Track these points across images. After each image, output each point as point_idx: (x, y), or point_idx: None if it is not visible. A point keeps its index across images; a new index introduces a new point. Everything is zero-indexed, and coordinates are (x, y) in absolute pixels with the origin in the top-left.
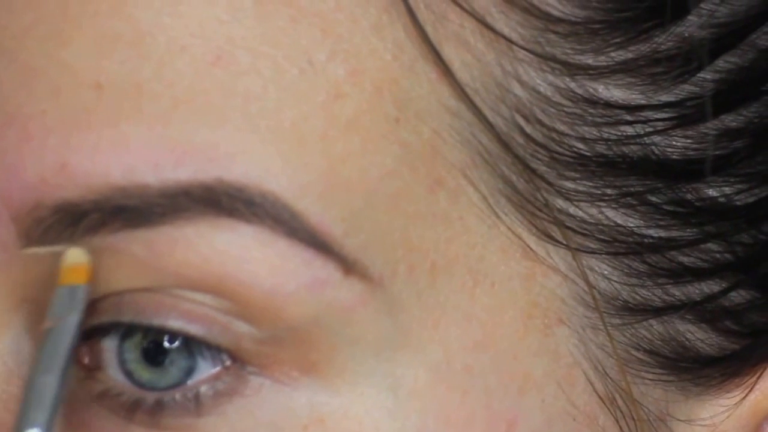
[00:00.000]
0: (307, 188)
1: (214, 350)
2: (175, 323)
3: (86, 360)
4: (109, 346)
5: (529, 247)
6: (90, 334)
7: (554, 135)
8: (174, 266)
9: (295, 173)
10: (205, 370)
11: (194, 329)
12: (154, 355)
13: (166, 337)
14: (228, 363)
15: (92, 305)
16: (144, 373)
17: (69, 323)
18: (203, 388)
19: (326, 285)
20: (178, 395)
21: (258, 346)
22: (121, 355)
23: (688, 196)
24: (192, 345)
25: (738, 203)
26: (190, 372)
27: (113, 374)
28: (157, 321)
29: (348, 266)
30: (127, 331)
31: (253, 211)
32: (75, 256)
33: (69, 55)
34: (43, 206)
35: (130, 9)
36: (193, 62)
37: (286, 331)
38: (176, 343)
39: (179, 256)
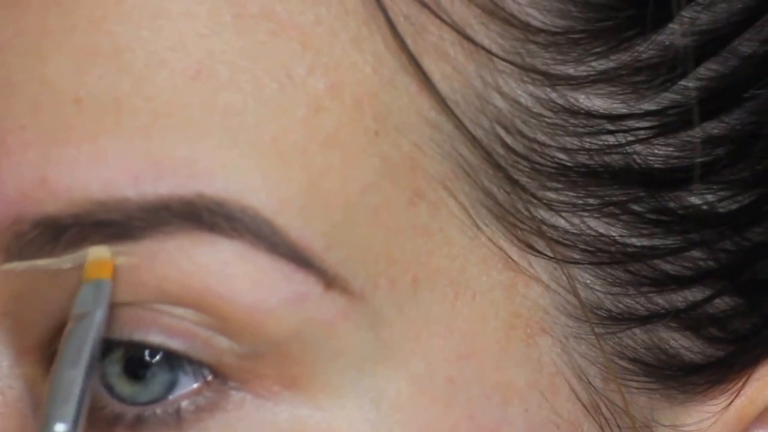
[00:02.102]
0: (288, 203)
1: (196, 365)
2: (156, 338)
3: None
4: None
5: (510, 257)
6: None
7: (535, 146)
8: (154, 281)
9: (275, 188)
10: (187, 384)
11: (175, 344)
12: (136, 369)
13: (147, 352)
14: (209, 378)
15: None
16: (125, 388)
17: (95, 318)
18: (184, 403)
19: (307, 299)
20: (158, 410)
21: (239, 361)
22: (103, 369)
23: (671, 205)
24: (173, 360)
25: (721, 210)
26: (171, 387)
27: (95, 389)
28: (138, 336)
29: (329, 280)
30: (108, 345)
31: (233, 226)
32: (98, 251)
33: (48, 70)
34: (23, 221)
35: (109, 24)
36: (173, 76)
37: (267, 346)
38: (157, 358)
39: (160, 271)
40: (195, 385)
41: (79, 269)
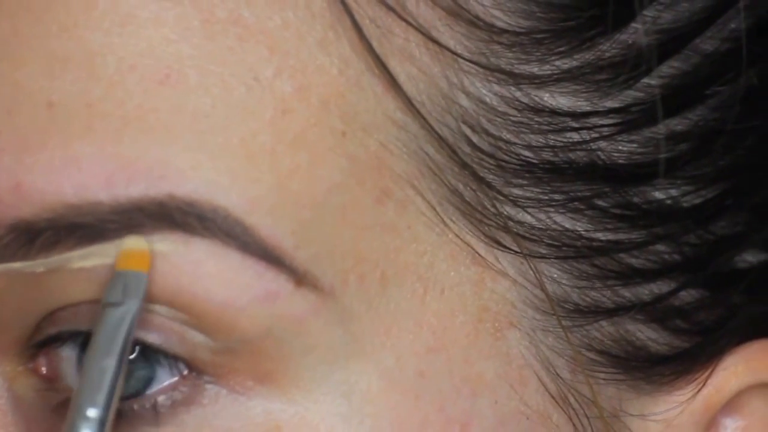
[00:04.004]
0: (257, 203)
1: (171, 359)
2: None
3: (44, 371)
4: (68, 355)
5: (477, 253)
6: (47, 343)
7: (501, 144)
8: None
9: (245, 188)
10: (163, 379)
11: (151, 338)
12: None
13: None
14: (185, 372)
15: (50, 315)
16: None
17: (129, 308)
18: (161, 398)
19: (278, 297)
20: (136, 405)
21: (213, 356)
22: (80, 365)
23: (635, 200)
24: (150, 355)
25: (685, 205)
26: (148, 382)
27: (72, 384)
28: None
29: (299, 278)
30: (85, 340)
31: (205, 225)
32: (135, 242)
33: (21, 75)
34: None
35: (80, 30)
36: (143, 81)
37: (240, 343)
38: (134, 354)
39: None
40: (171, 380)
41: (53, 273)
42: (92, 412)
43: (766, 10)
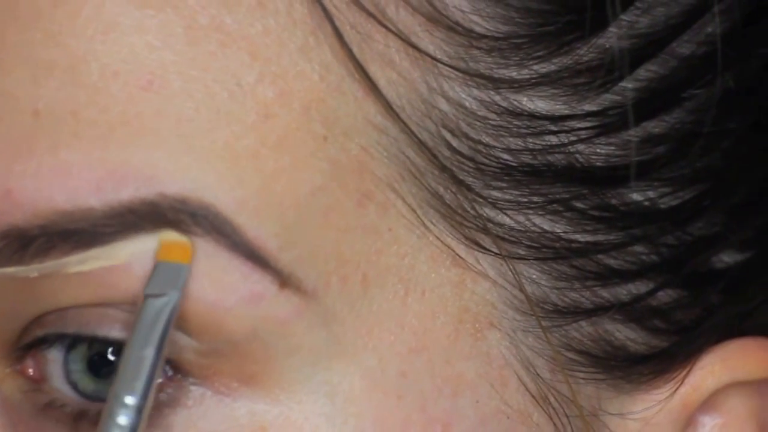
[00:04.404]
0: (243, 203)
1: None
2: (118, 334)
3: (31, 372)
4: (54, 357)
5: (458, 255)
6: (35, 345)
7: (480, 147)
8: (131, 280)
9: (231, 189)
10: None
11: None
12: (99, 366)
13: (110, 349)
14: (170, 374)
15: (37, 319)
16: (89, 384)
17: (170, 299)
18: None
19: (263, 299)
20: None
21: (198, 358)
22: (67, 367)
23: (613, 201)
24: None
25: (662, 206)
26: None
27: (59, 385)
28: (101, 332)
29: (283, 280)
30: (71, 342)
31: (197, 222)
32: (175, 234)
33: (8, 83)
34: None
35: (65, 38)
36: (126, 87)
37: (225, 344)
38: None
39: (136, 270)
40: (156, 382)
41: (46, 277)
42: (130, 400)
43: (741, 14)
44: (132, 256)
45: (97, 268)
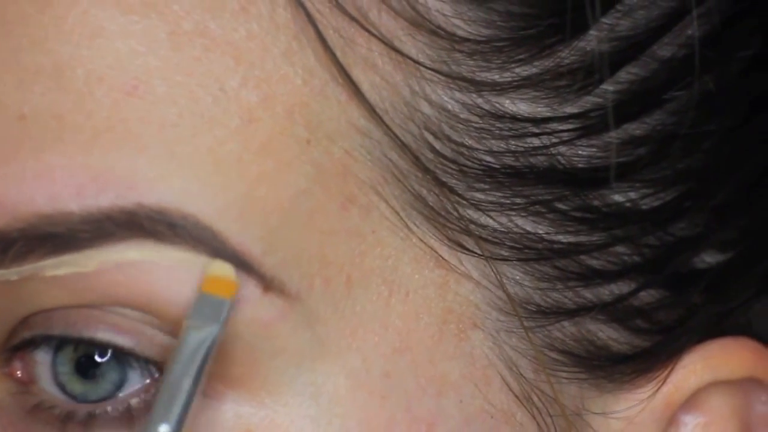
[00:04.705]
0: (226, 210)
1: (143, 362)
2: (104, 335)
3: (20, 374)
4: (42, 359)
5: (441, 256)
6: (22, 347)
7: (463, 149)
8: (102, 286)
9: (214, 196)
10: (135, 382)
11: (122, 341)
12: (86, 368)
13: (97, 351)
14: (157, 375)
15: (24, 320)
16: (76, 386)
17: (210, 333)
18: (133, 401)
19: (246, 303)
20: (109, 407)
21: None
22: (55, 369)
23: (595, 203)
24: (122, 357)
25: (644, 207)
26: (121, 384)
27: (47, 387)
28: (87, 333)
29: (267, 283)
30: (59, 344)
31: (175, 232)
32: (222, 267)
33: None
34: None
35: (50, 43)
36: (111, 92)
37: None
38: (107, 357)
39: (107, 278)
40: (143, 383)
41: (26, 280)
42: (165, 428)
43: (721, 17)
44: (101, 264)
45: (70, 273)
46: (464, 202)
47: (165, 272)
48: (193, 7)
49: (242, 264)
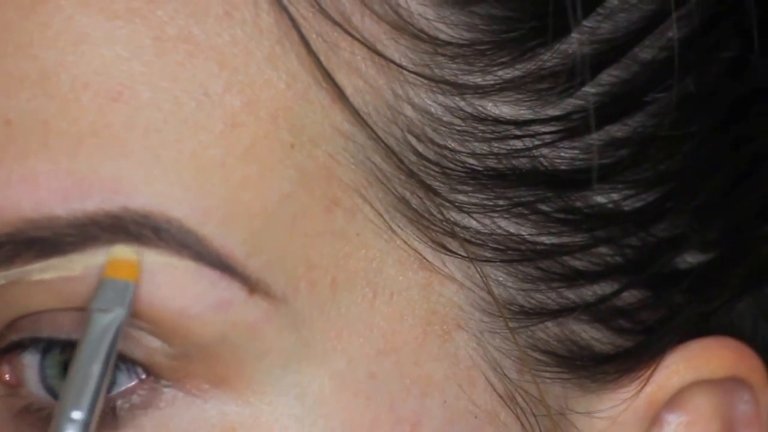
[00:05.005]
0: (210, 213)
1: (129, 364)
2: None
3: (8, 377)
4: (30, 362)
5: (425, 258)
6: (10, 350)
7: (446, 152)
8: (88, 290)
9: (198, 200)
10: (122, 383)
11: None
12: None
13: None
14: (143, 376)
15: (11, 324)
16: None
17: (116, 316)
18: (120, 402)
19: (231, 305)
20: None
21: (170, 361)
22: (43, 372)
23: (578, 204)
24: None
25: (626, 208)
26: (108, 387)
27: (35, 390)
28: (75, 335)
29: (252, 286)
30: (46, 346)
31: (159, 236)
32: (124, 251)
33: None
34: None
35: (35, 49)
36: (96, 98)
37: (195, 348)
38: None
39: (93, 281)
40: (129, 384)
41: (13, 284)
42: (77, 414)
43: (702, 18)
44: (87, 269)
45: (56, 278)
46: (447, 204)
47: (149, 276)
48: (177, 13)
49: (226, 267)
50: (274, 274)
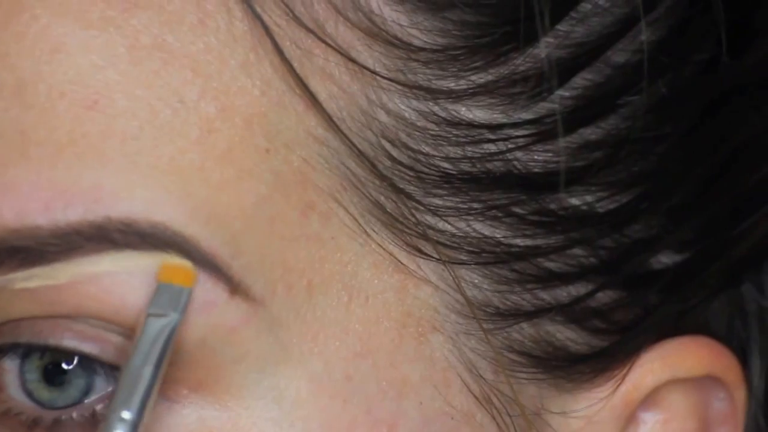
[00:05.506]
0: (193, 215)
1: (108, 368)
2: (69, 342)
3: None
4: (10, 367)
5: (400, 261)
6: None
7: (420, 157)
8: (74, 299)
9: (180, 202)
10: (101, 388)
11: (88, 348)
12: (54, 375)
13: (64, 359)
14: None
15: None
16: (44, 393)
17: (170, 320)
18: (99, 407)
19: (214, 306)
20: (75, 413)
21: None
22: (23, 377)
23: (552, 206)
24: (88, 364)
25: (600, 210)
26: (88, 391)
27: (15, 394)
28: (53, 341)
29: (233, 287)
30: (26, 351)
31: (145, 240)
32: (177, 258)
33: None
34: None
35: (12, 59)
36: (73, 107)
37: (175, 353)
38: (73, 364)
39: (79, 290)
40: (108, 389)
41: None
42: (127, 414)
43: (675, 21)
44: (71, 277)
45: (40, 286)
46: (422, 207)
47: (138, 281)
48: (151, 22)
49: (212, 267)
50: (254, 276)
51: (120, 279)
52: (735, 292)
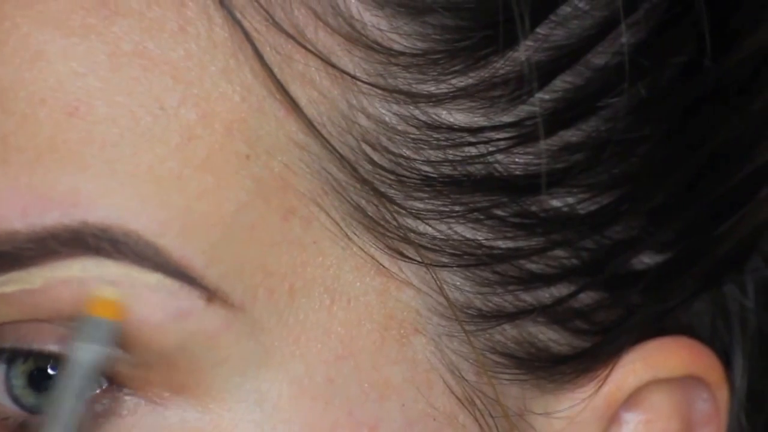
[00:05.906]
0: (167, 225)
1: None
2: (53, 347)
3: None
4: None
5: (381, 264)
6: None
7: (401, 160)
8: (48, 303)
9: (155, 212)
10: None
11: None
12: (39, 380)
13: (49, 364)
14: (105, 385)
15: None
16: (29, 398)
17: (96, 354)
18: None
19: (190, 314)
20: None
21: (132, 370)
22: (9, 382)
23: (533, 208)
24: None
25: (581, 212)
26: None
27: (1, 399)
28: (37, 346)
29: (210, 295)
30: (11, 356)
31: (118, 248)
32: (107, 290)
33: None
34: None
35: None
36: (53, 114)
37: (156, 357)
38: (58, 369)
39: (53, 294)
40: (96, 391)
41: None
42: None
43: (655, 23)
44: (46, 281)
45: (17, 290)
46: (403, 211)
47: (109, 288)
48: (132, 29)
49: (185, 277)
50: (233, 283)
51: (92, 285)
52: (717, 293)
